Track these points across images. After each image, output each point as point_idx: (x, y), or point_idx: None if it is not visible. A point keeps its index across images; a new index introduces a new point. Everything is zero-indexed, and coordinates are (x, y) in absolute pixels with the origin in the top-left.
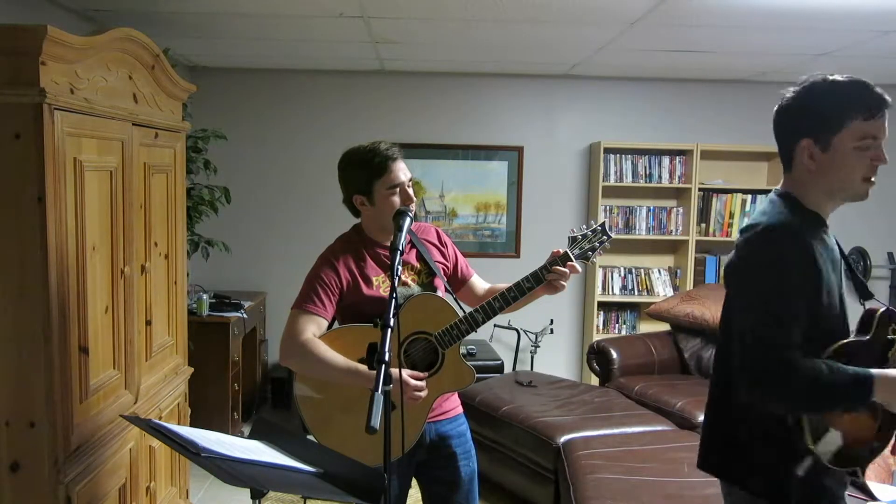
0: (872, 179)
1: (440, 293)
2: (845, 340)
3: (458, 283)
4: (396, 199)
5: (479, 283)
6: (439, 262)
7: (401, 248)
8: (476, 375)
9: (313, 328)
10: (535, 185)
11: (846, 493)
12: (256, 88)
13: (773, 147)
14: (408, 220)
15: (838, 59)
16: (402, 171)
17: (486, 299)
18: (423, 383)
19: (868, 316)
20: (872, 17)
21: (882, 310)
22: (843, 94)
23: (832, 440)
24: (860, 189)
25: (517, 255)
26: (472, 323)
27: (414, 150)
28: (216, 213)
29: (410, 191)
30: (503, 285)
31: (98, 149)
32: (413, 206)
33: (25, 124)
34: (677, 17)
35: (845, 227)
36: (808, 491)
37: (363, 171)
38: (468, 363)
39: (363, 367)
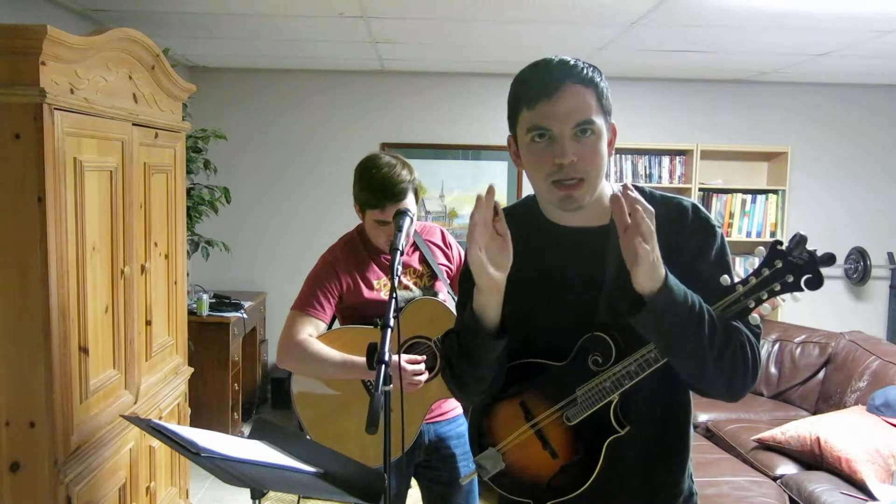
0: (565, 182)
1: (441, 296)
2: (530, 360)
3: None
4: (380, 233)
5: None
6: (442, 265)
7: (400, 248)
8: None
9: (310, 329)
10: None
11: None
12: (256, 88)
13: (772, 147)
14: (407, 221)
15: (838, 59)
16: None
17: None
18: (421, 367)
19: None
20: (872, 17)
21: (585, 336)
22: (517, 80)
23: (493, 458)
24: (549, 195)
25: None
26: None
27: (414, 150)
28: (216, 213)
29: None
30: None
31: (98, 149)
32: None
33: (25, 124)
34: (677, 17)
35: (845, 226)
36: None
37: (362, 194)
38: None
39: (359, 359)
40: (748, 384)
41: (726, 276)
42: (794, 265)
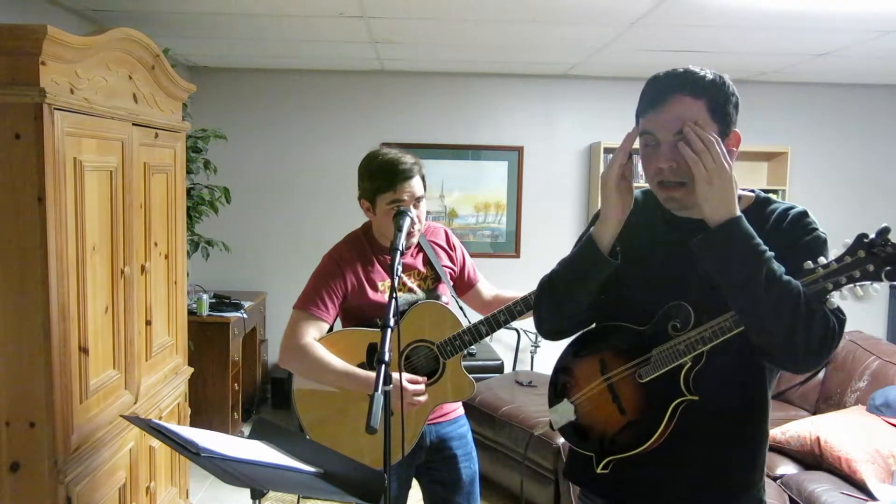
0: (667, 184)
1: (444, 299)
2: (617, 323)
3: (463, 287)
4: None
5: (486, 289)
6: (446, 266)
7: (400, 247)
8: (476, 387)
9: (314, 331)
10: (535, 185)
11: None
12: (256, 88)
13: (772, 147)
14: (407, 221)
15: (838, 59)
16: (408, 191)
17: (492, 307)
18: (421, 387)
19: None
20: (872, 17)
21: (669, 304)
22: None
23: (566, 409)
24: (658, 194)
25: (517, 255)
26: (476, 335)
27: (414, 151)
28: (216, 213)
29: (414, 210)
30: (509, 293)
31: (98, 149)
32: (412, 221)
33: (25, 124)
34: (677, 17)
35: (845, 226)
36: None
37: (372, 181)
38: (469, 375)
39: (360, 371)
40: (811, 353)
41: (809, 262)
42: (876, 256)
